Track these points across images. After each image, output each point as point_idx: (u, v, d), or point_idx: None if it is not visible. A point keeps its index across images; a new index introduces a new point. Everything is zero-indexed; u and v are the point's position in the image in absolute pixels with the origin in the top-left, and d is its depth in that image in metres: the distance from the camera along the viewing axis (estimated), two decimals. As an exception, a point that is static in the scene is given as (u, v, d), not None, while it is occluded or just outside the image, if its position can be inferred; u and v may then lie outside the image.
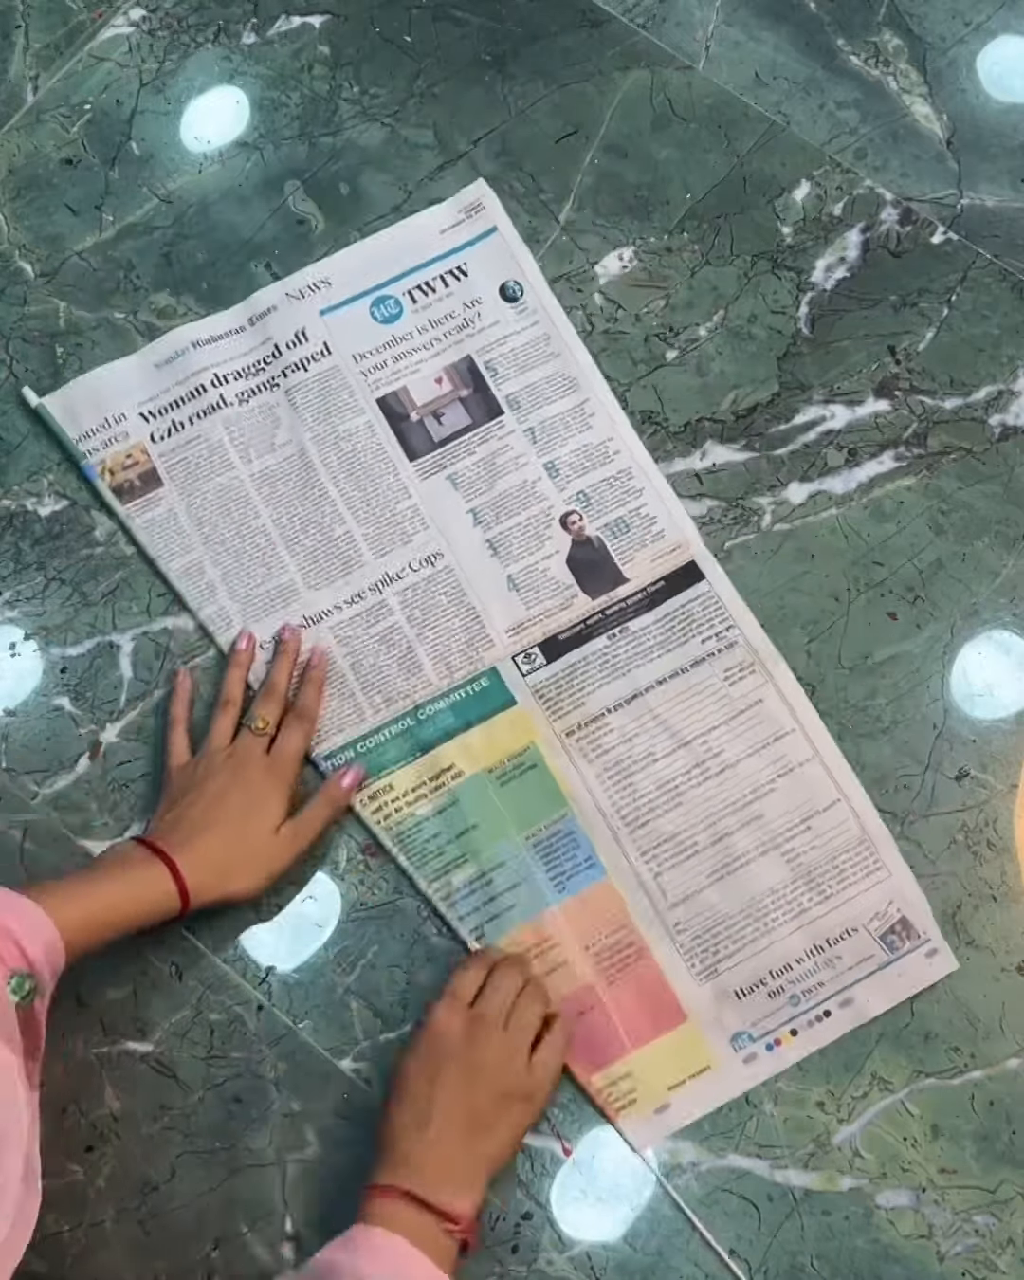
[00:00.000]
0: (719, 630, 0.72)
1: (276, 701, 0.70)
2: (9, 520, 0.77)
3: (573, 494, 0.75)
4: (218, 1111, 0.67)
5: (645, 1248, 0.65)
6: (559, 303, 0.77)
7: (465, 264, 0.78)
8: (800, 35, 0.83)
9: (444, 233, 0.79)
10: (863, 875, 0.68)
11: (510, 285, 0.76)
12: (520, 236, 0.78)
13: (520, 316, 0.77)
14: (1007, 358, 0.77)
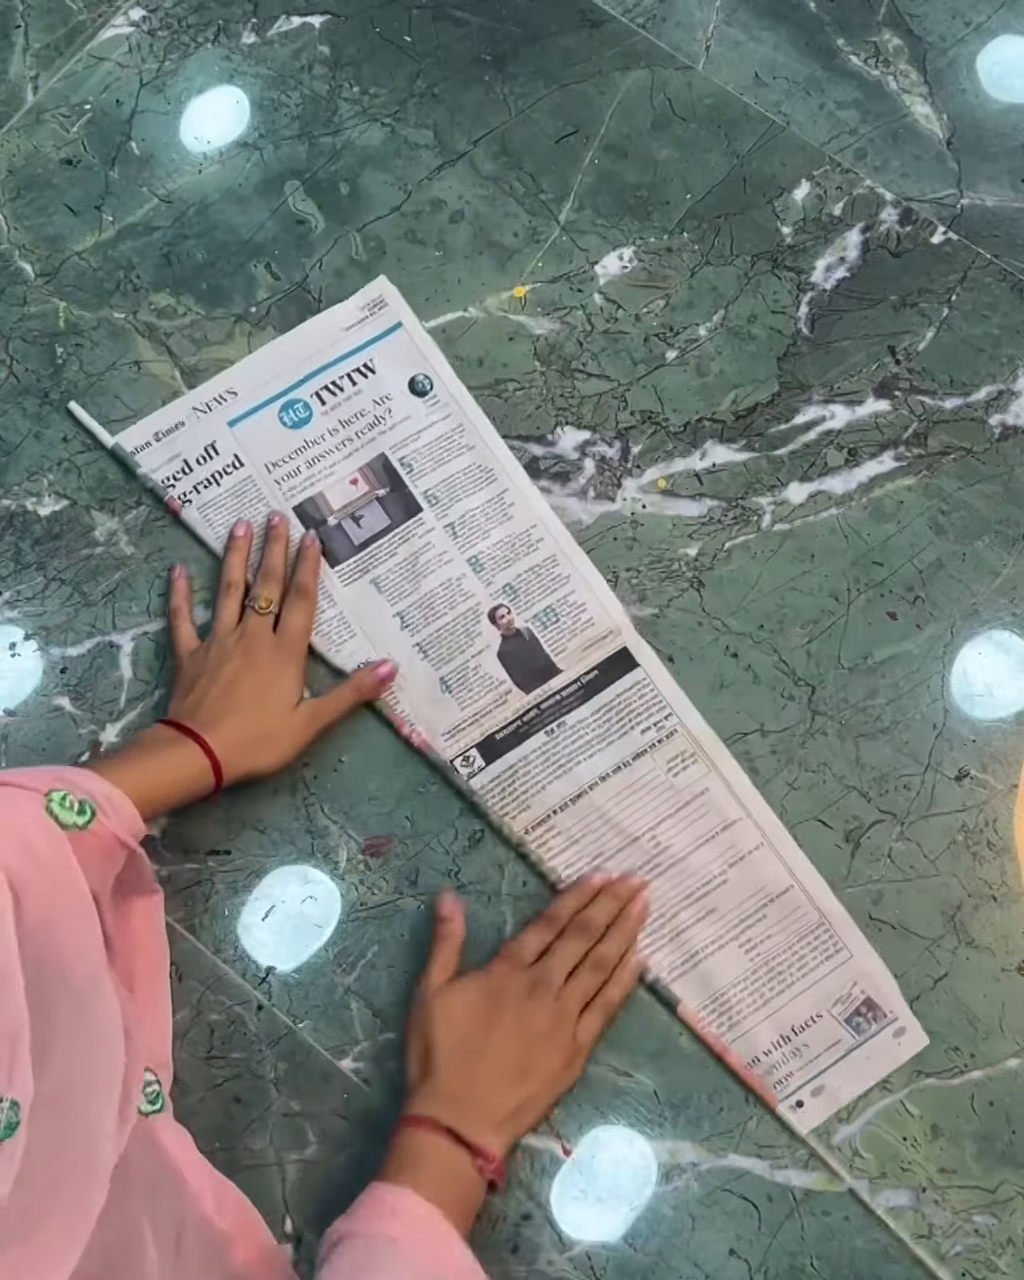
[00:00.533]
0: (657, 720, 0.71)
1: (276, 581, 0.72)
2: (9, 520, 0.77)
3: (499, 587, 0.73)
4: (218, 1111, 0.67)
5: (645, 1248, 0.65)
6: (469, 393, 0.76)
7: (372, 360, 0.76)
8: (800, 35, 0.83)
9: (348, 330, 0.77)
10: (823, 959, 0.67)
11: (419, 379, 0.75)
12: (425, 330, 0.77)
13: (432, 410, 0.75)
14: (1007, 357, 0.77)
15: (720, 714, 0.72)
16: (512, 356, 0.78)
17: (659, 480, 0.76)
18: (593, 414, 0.78)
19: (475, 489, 0.75)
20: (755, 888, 0.68)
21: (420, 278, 0.80)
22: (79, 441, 0.78)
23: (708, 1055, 0.67)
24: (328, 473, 0.76)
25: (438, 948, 0.66)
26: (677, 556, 0.75)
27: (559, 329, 0.79)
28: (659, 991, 0.67)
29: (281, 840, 0.71)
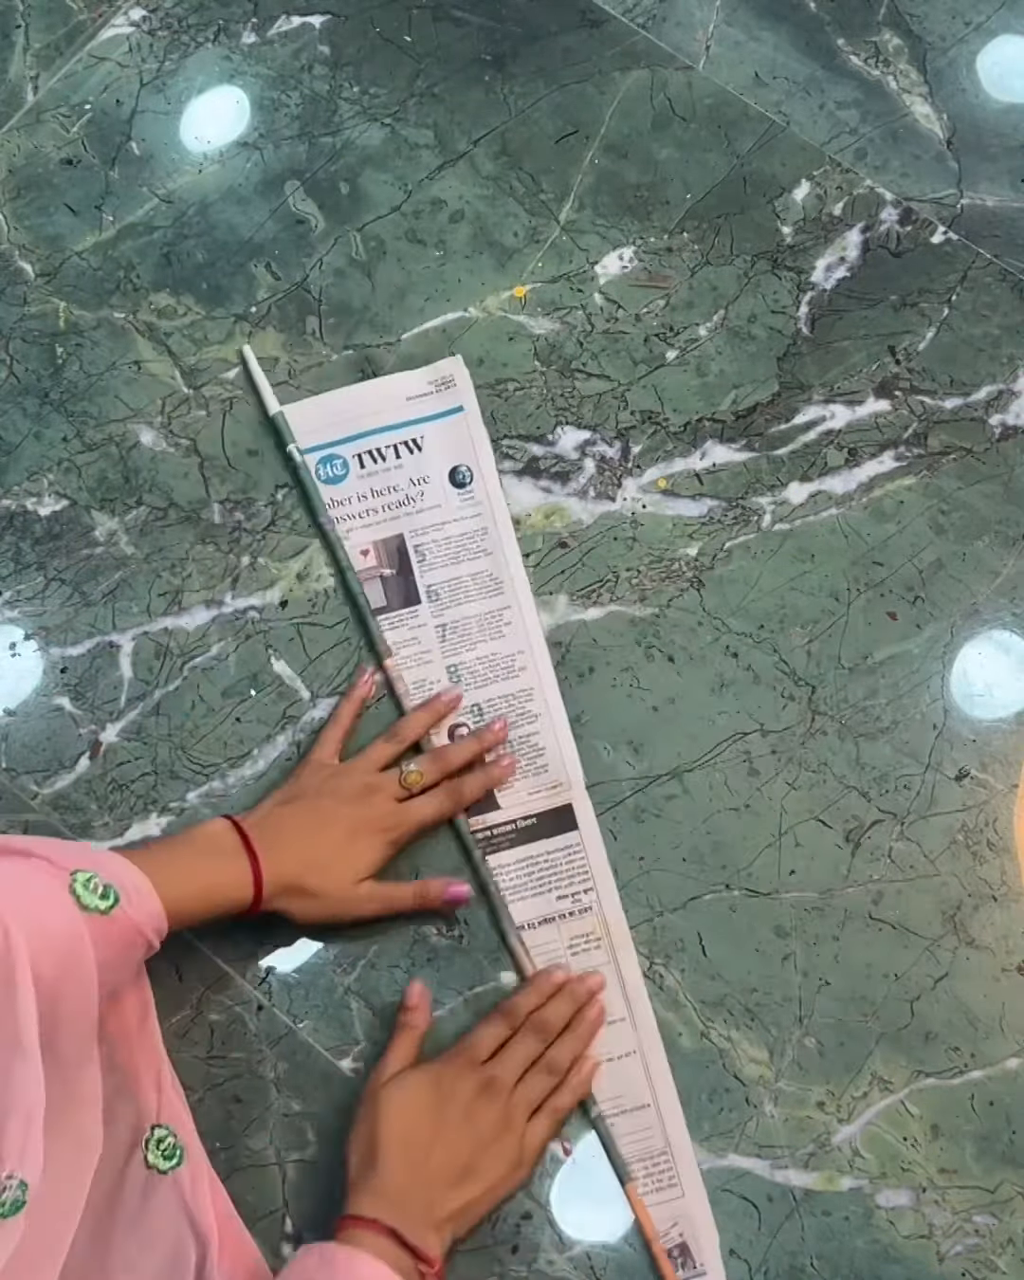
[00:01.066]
0: (576, 891, 0.68)
1: (441, 767, 0.68)
2: (9, 520, 0.77)
3: (468, 704, 0.71)
4: (218, 1111, 0.67)
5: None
6: (505, 500, 0.74)
7: (422, 437, 0.74)
8: (800, 35, 0.83)
9: (410, 400, 0.75)
10: (655, 1189, 0.64)
11: (462, 470, 0.73)
12: (481, 416, 0.75)
13: (464, 505, 0.73)
14: (1007, 357, 0.77)
15: (721, 714, 0.72)
16: (512, 356, 0.78)
17: (659, 480, 0.76)
18: (593, 414, 0.78)
19: (479, 597, 0.72)
20: (613, 1094, 0.66)
21: (420, 278, 0.80)
22: (79, 441, 0.78)
23: (708, 1055, 0.67)
24: (344, 535, 0.74)
25: (397, 1038, 0.64)
26: (677, 556, 0.75)
27: (559, 329, 0.79)
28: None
29: (281, 840, 0.71)
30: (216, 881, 0.61)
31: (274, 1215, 0.66)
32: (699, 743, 0.72)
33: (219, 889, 0.61)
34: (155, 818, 0.72)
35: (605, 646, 0.74)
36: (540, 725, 0.71)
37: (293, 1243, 0.65)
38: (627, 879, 0.70)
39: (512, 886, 0.69)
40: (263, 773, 0.72)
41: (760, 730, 0.72)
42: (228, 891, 0.61)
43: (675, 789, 0.71)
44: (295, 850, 0.63)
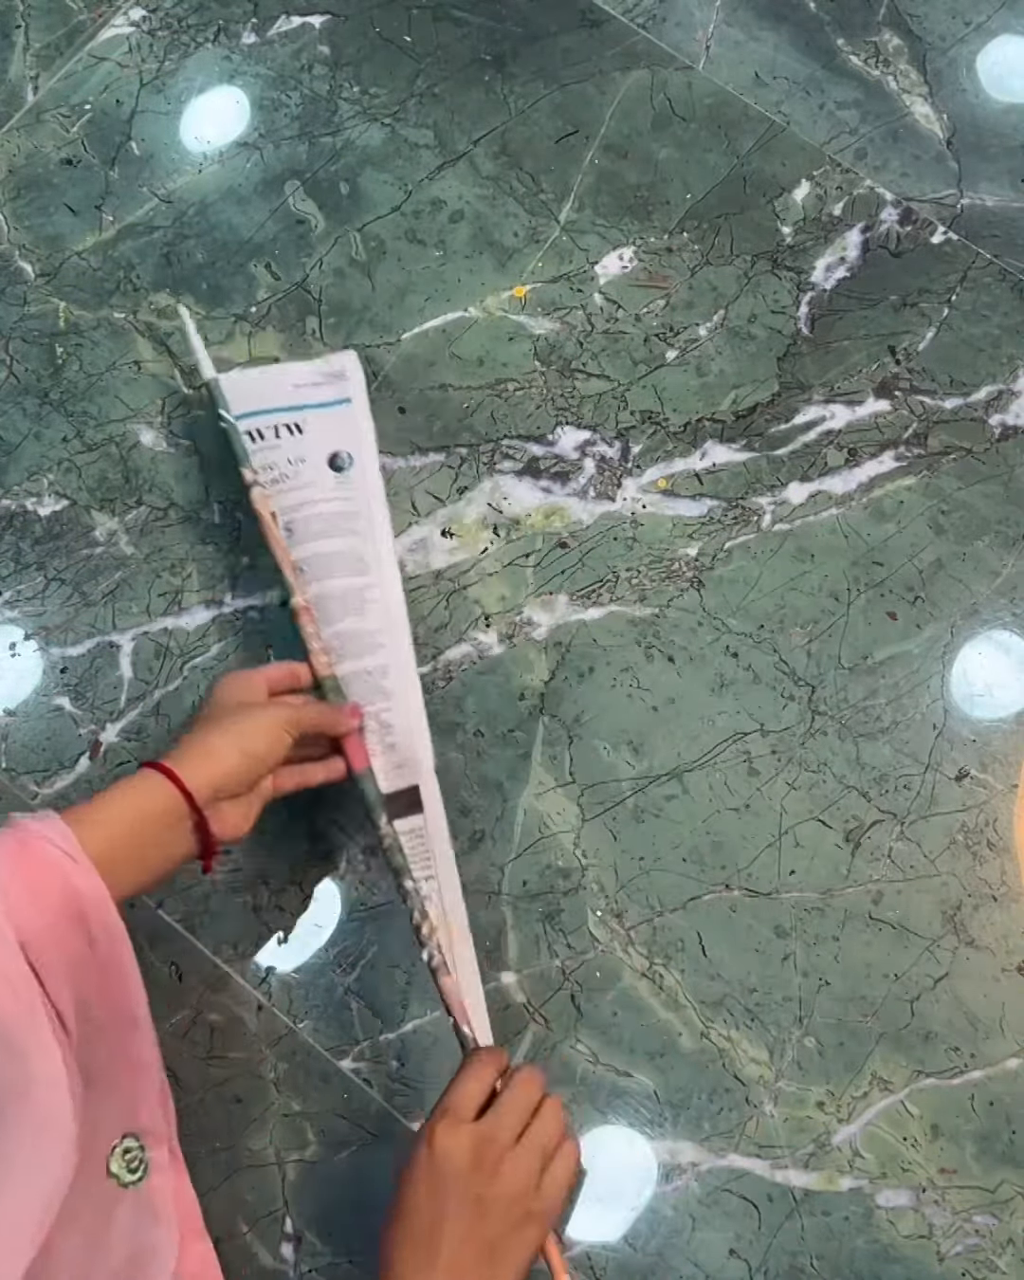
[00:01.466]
0: (419, 878, 0.65)
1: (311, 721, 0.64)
2: (9, 520, 0.77)
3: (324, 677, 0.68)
4: (218, 1111, 0.67)
5: (645, 1248, 0.65)
6: (384, 491, 0.72)
7: (304, 421, 0.74)
8: (800, 35, 0.83)
9: (298, 388, 0.75)
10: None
11: (342, 456, 0.73)
12: (370, 413, 0.74)
13: (339, 488, 0.73)
14: (1007, 357, 0.77)
15: (721, 714, 0.72)
16: (512, 356, 0.78)
17: (659, 480, 0.76)
18: (593, 414, 0.78)
19: (343, 575, 0.70)
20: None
21: (420, 278, 0.80)
22: (79, 441, 0.78)
23: (708, 1055, 0.67)
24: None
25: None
26: (677, 556, 0.75)
27: (559, 329, 0.79)
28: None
29: (281, 840, 0.71)
30: (128, 789, 0.56)
31: (274, 1215, 0.66)
32: (699, 743, 0.72)
33: (132, 794, 0.56)
34: (155, 818, 0.72)
35: (605, 646, 0.74)
36: (394, 702, 0.69)
37: (293, 1243, 0.65)
38: (627, 879, 0.70)
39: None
40: (263, 773, 0.72)
41: (760, 730, 0.72)
42: (142, 797, 0.56)
43: (675, 789, 0.71)
44: (209, 742, 0.59)
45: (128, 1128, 0.55)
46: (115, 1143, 0.54)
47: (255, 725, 0.60)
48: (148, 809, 0.56)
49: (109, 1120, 0.54)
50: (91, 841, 0.53)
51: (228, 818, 0.58)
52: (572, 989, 0.69)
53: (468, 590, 0.75)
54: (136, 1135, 0.56)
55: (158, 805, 0.56)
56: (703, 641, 0.74)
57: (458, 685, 0.74)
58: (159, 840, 0.56)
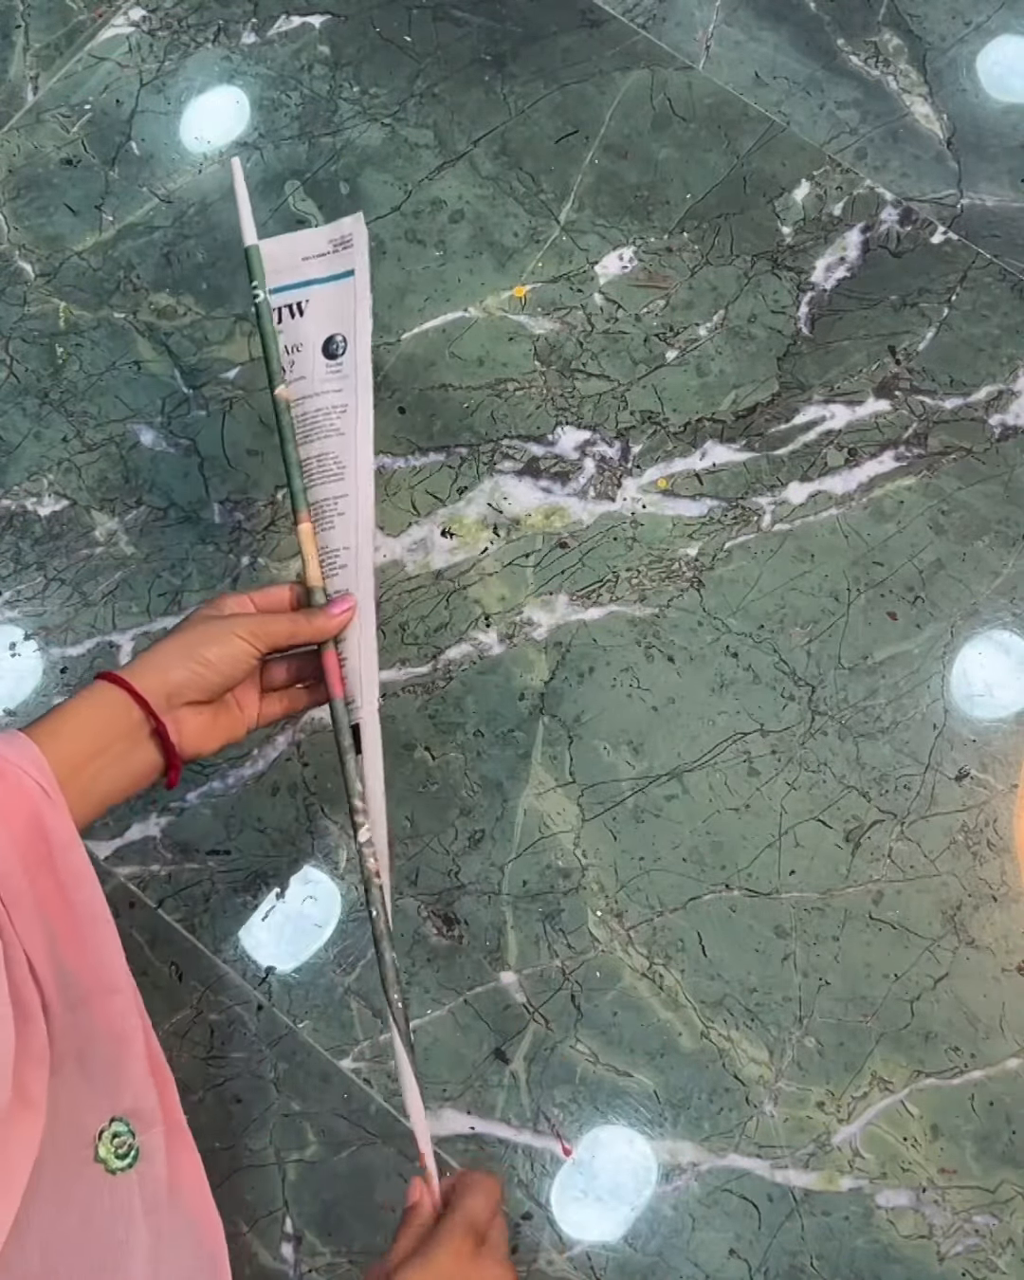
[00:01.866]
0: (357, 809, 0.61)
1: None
2: (9, 520, 0.77)
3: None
4: (218, 1111, 0.67)
5: (645, 1248, 0.65)
6: (372, 375, 0.65)
7: (307, 301, 0.68)
8: (800, 35, 0.83)
9: (305, 260, 0.68)
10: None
11: (337, 340, 0.66)
12: (369, 285, 0.67)
13: (330, 377, 0.66)
14: (1007, 357, 0.77)
15: (721, 714, 0.72)
16: (511, 356, 0.78)
17: (659, 480, 0.76)
18: (593, 414, 0.78)
19: (320, 481, 0.64)
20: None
21: (420, 278, 0.80)
22: (79, 441, 0.78)
23: (708, 1055, 0.67)
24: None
25: (403, 1229, 0.56)
26: (677, 556, 0.75)
27: (559, 329, 0.79)
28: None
29: (281, 840, 0.71)
30: (84, 701, 0.55)
31: (274, 1215, 0.66)
32: (699, 743, 0.72)
33: (88, 705, 0.54)
34: (155, 817, 0.72)
35: (605, 646, 0.74)
36: (346, 634, 0.62)
37: (293, 1243, 0.65)
38: (627, 879, 0.70)
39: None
40: (263, 773, 0.72)
41: (760, 730, 0.72)
42: (99, 707, 0.54)
43: (675, 789, 0.71)
44: (158, 647, 0.57)
45: (116, 1110, 0.53)
46: (102, 1126, 0.52)
47: (206, 631, 0.57)
48: (105, 718, 0.55)
49: (95, 1102, 0.52)
50: (55, 759, 0.52)
51: (187, 726, 0.56)
52: (572, 989, 0.69)
53: (468, 590, 0.75)
54: (125, 1119, 0.54)
55: (115, 713, 0.55)
56: (703, 641, 0.74)
57: (458, 685, 0.74)
58: (120, 751, 0.55)
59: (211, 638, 0.57)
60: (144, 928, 0.70)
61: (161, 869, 0.71)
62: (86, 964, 0.52)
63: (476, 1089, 0.68)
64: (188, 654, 0.56)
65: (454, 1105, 0.67)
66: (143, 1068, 0.55)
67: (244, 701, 0.60)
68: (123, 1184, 0.53)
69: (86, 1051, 0.52)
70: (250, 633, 0.57)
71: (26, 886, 0.50)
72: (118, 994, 0.53)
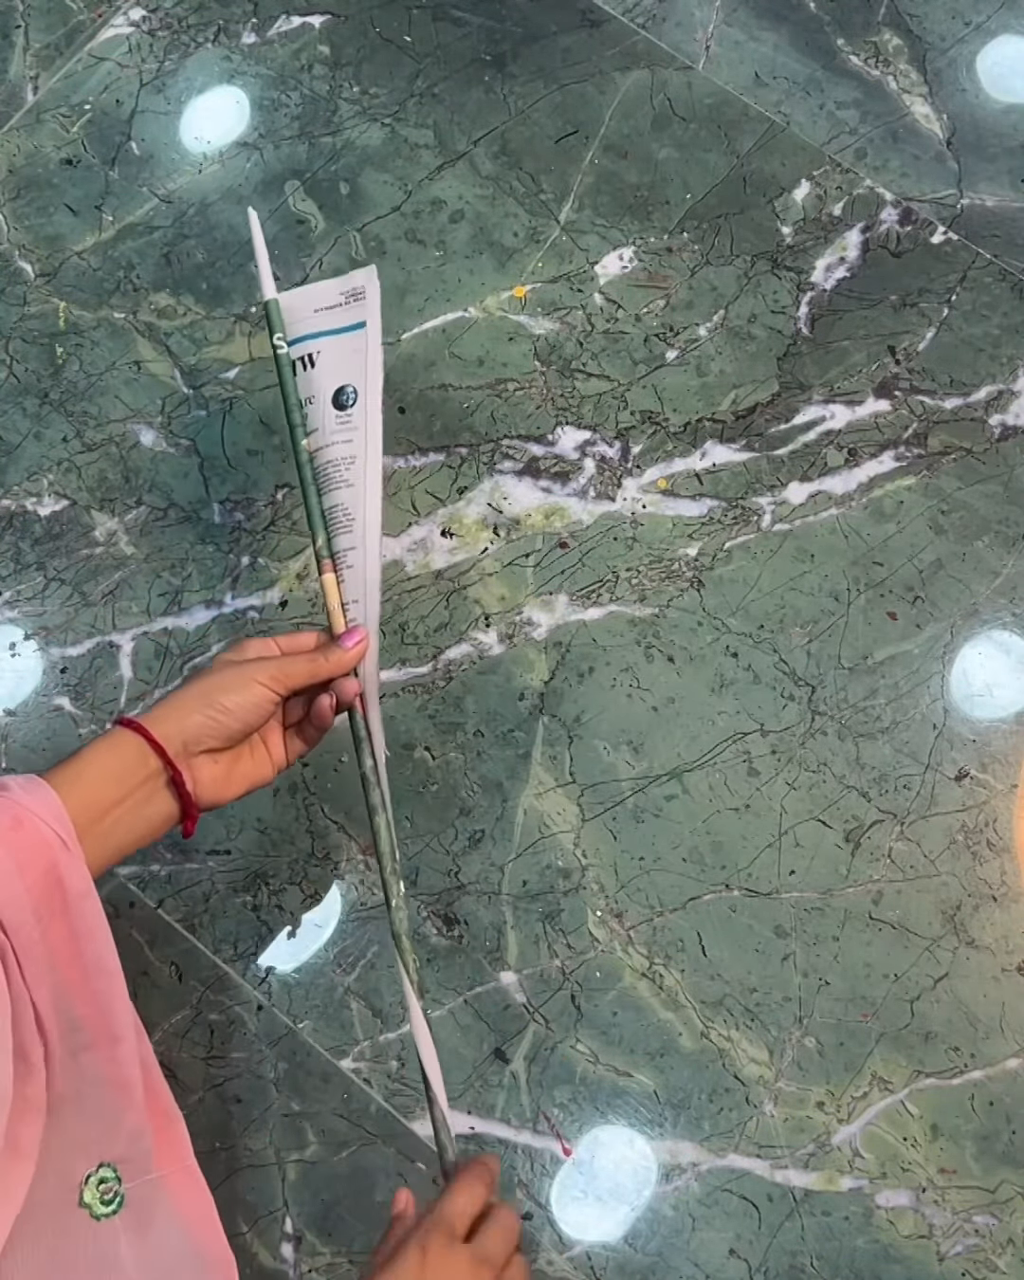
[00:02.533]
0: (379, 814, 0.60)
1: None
2: (9, 520, 0.77)
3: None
4: (218, 1111, 0.67)
5: (645, 1248, 0.65)
6: (382, 427, 0.64)
7: (319, 353, 0.68)
8: (800, 35, 0.83)
9: (317, 312, 0.68)
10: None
11: (347, 391, 0.67)
12: (381, 336, 0.66)
13: (340, 428, 0.66)
14: (1007, 357, 0.77)
15: (721, 714, 0.72)
16: (512, 356, 0.78)
17: (659, 480, 0.76)
18: (593, 414, 0.78)
19: (331, 534, 0.64)
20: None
21: (420, 278, 0.80)
22: (79, 441, 0.78)
23: (708, 1055, 0.67)
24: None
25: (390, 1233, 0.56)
26: (677, 556, 0.75)
27: (559, 329, 0.79)
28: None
29: (281, 840, 0.71)
30: (102, 748, 0.54)
31: (274, 1215, 0.66)
32: (699, 743, 0.72)
33: (106, 752, 0.54)
34: (155, 818, 0.72)
35: (605, 646, 0.74)
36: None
37: (293, 1243, 0.65)
38: (627, 879, 0.70)
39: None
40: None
41: (760, 730, 0.72)
42: (116, 754, 0.54)
43: (675, 789, 0.72)
44: (176, 695, 0.57)
45: (106, 1156, 0.53)
46: (90, 1171, 0.52)
47: (226, 677, 0.57)
48: (125, 765, 0.54)
49: (86, 1146, 0.52)
50: (75, 807, 0.52)
51: (203, 774, 0.56)
52: (572, 989, 0.69)
53: (468, 590, 0.75)
54: (113, 1166, 0.54)
55: (134, 760, 0.55)
56: (703, 641, 0.74)
57: (458, 685, 0.74)
58: (139, 799, 0.55)
59: (231, 684, 0.57)
60: (144, 928, 0.70)
61: (161, 869, 0.71)
62: (93, 1013, 0.52)
63: (477, 1089, 0.68)
64: (206, 700, 0.56)
65: (454, 1105, 0.67)
66: (140, 1117, 0.55)
67: (271, 744, 0.59)
68: (106, 1230, 0.52)
69: (85, 1095, 0.52)
70: (271, 678, 0.57)
71: (39, 937, 0.50)
72: (122, 1043, 0.53)
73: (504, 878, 0.71)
